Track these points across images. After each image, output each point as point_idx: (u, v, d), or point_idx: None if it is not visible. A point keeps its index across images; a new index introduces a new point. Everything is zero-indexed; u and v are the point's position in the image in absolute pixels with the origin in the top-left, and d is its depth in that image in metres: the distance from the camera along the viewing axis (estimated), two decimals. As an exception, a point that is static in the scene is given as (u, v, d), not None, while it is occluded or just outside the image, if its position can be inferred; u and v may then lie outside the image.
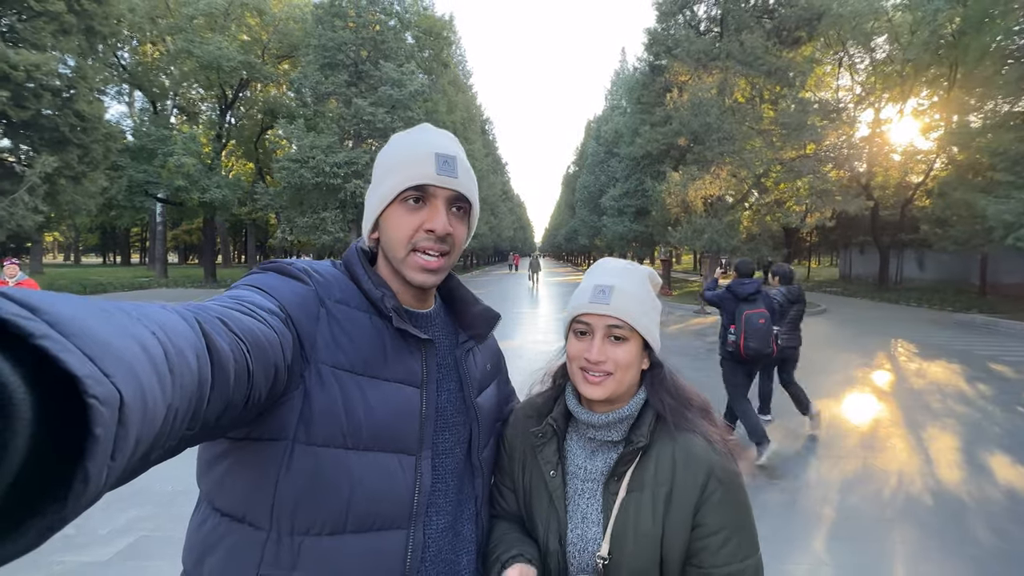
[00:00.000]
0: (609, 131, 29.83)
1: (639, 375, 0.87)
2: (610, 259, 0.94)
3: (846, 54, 21.87)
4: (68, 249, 58.76)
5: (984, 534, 3.02)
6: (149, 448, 0.34)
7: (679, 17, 17.10)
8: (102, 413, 0.27)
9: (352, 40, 19.23)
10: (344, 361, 0.70)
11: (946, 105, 17.39)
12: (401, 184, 0.75)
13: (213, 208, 22.06)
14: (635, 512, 0.79)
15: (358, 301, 0.75)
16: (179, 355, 0.38)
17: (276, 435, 0.65)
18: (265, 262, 0.75)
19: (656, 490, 0.79)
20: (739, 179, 15.07)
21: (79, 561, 2.63)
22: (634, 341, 0.84)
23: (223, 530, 0.68)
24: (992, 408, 5.60)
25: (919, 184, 21.08)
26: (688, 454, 0.81)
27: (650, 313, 0.87)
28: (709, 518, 0.77)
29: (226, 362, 0.46)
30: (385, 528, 0.71)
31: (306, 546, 0.66)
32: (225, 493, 0.68)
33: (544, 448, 0.89)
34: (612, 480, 0.82)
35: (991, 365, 7.87)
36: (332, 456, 0.67)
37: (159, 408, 0.34)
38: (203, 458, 0.71)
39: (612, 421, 0.84)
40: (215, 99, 24.20)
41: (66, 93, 14.67)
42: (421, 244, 0.75)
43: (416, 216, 0.75)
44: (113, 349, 0.30)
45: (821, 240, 30.63)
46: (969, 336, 10.86)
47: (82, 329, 0.29)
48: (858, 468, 3.96)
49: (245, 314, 0.57)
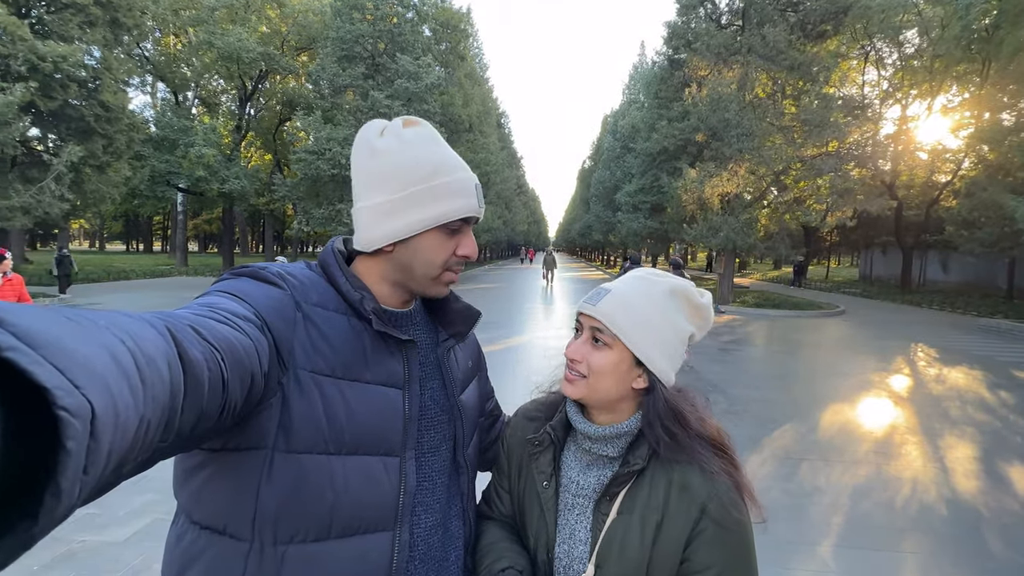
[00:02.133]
0: (626, 126, 29.52)
1: (628, 390, 0.81)
2: (644, 268, 0.89)
3: (873, 48, 21.23)
4: (93, 236, 60.31)
5: (1000, 547, 2.95)
6: (121, 461, 0.33)
7: (700, 10, 16.75)
8: (74, 426, 0.26)
9: (369, 33, 19.29)
10: (323, 366, 0.69)
11: (977, 102, 16.80)
12: (452, 214, 0.76)
13: (232, 198, 22.44)
14: (623, 535, 0.76)
15: (336, 304, 0.74)
16: (150, 364, 0.37)
17: (255, 444, 0.64)
18: (237, 267, 0.72)
19: (647, 516, 0.76)
20: (757, 176, 14.77)
21: (99, 540, 2.73)
22: (617, 350, 0.79)
23: (203, 543, 0.66)
24: (1014, 417, 5.44)
25: (946, 184, 20.46)
26: (684, 484, 0.76)
27: (652, 329, 0.79)
28: (698, 554, 0.73)
29: (199, 371, 0.45)
30: (370, 531, 0.71)
31: (290, 554, 0.65)
32: (204, 505, 0.67)
33: (540, 457, 0.86)
34: (604, 500, 0.79)
35: (1014, 372, 7.65)
36: (314, 462, 0.66)
37: (131, 419, 0.33)
38: (179, 471, 0.70)
39: (609, 435, 0.81)
40: (235, 90, 24.54)
41: (92, 84, 15.03)
42: (453, 266, 0.80)
43: (453, 241, 0.78)
44: (83, 359, 0.29)
45: (841, 240, 29.98)
46: (993, 342, 10.55)
47: (50, 340, 0.28)
48: (871, 474, 3.89)
49: (219, 321, 0.55)
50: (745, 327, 11.80)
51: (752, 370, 7.38)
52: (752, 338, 10.36)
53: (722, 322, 12.43)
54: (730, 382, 6.51)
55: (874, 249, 27.37)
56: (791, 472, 3.88)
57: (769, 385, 6.47)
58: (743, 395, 5.90)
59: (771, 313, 14.17)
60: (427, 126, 0.80)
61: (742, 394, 5.94)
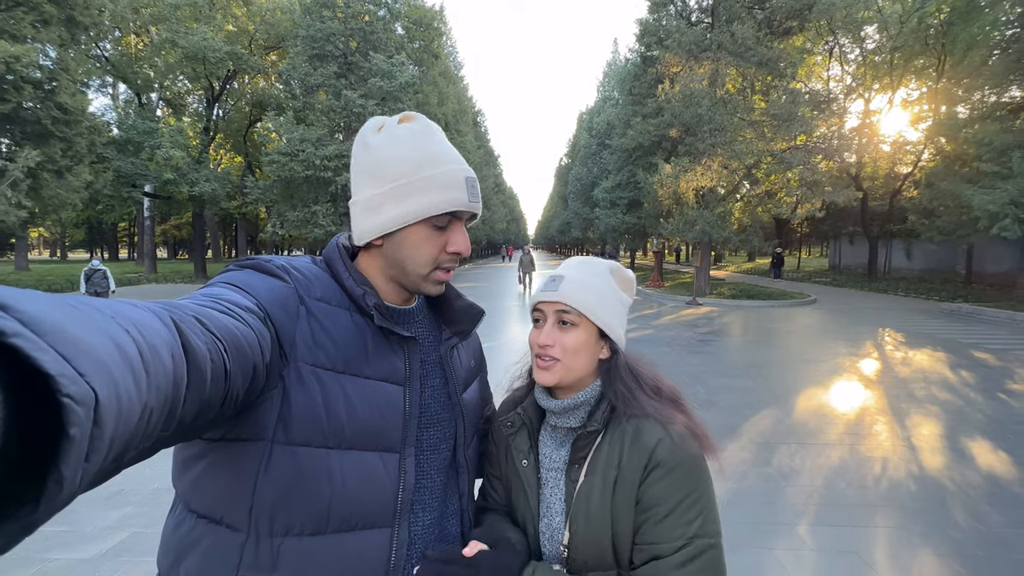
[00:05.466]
0: (601, 123, 29.76)
1: (596, 363, 0.88)
2: (574, 257, 0.96)
3: (836, 44, 21.91)
4: (54, 245, 57.82)
5: (964, 518, 3.10)
6: (123, 449, 0.33)
7: (670, 7, 17.00)
8: (77, 413, 0.26)
9: (341, 31, 18.96)
10: (324, 359, 0.69)
11: (934, 96, 17.53)
12: (435, 208, 0.74)
13: (202, 202, 21.80)
14: (587, 497, 0.80)
15: (339, 299, 0.75)
16: (154, 354, 0.37)
17: (254, 435, 0.64)
18: (242, 259, 0.73)
19: (607, 474, 0.80)
20: (730, 170, 15.10)
21: (71, 558, 2.63)
22: (584, 327, 0.85)
23: (200, 532, 0.66)
24: (974, 395, 5.72)
25: (907, 175, 21.31)
26: (635, 438, 0.80)
27: (607, 303, 0.87)
28: (647, 494, 0.77)
29: (202, 361, 0.45)
30: (368, 527, 0.71)
31: (286, 547, 0.66)
32: (201, 494, 0.67)
33: (516, 437, 0.90)
34: (573, 468, 0.84)
35: (974, 353, 8.03)
36: (313, 456, 0.66)
37: (134, 408, 0.33)
38: (178, 459, 0.70)
39: (569, 407, 0.86)
40: (202, 91, 23.81)
41: (48, 85, 14.37)
42: (445, 264, 0.78)
43: (442, 237, 0.77)
44: (87, 347, 0.29)
45: (811, 231, 30.91)
46: (955, 325, 11.05)
47: (55, 327, 0.28)
48: (844, 455, 4.04)
49: (222, 312, 0.56)
50: (722, 318, 12.07)
51: (729, 360, 7.55)
52: (729, 329, 10.60)
53: (700, 314, 12.68)
54: (708, 372, 6.66)
55: (842, 239, 28.31)
56: (768, 457, 4.00)
57: (746, 374, 6.64)
58: (721, 384, 6.04)
59: (746, 304, 14.52)
60: (422, 120, 0.80)
61: (720, 383, 6.08)
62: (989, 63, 13.23)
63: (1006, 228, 11.56)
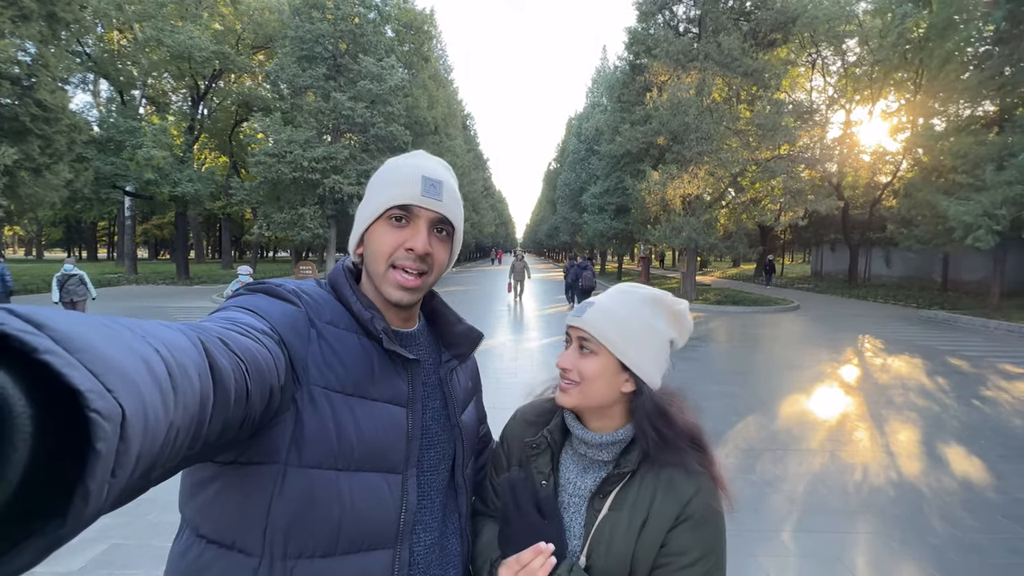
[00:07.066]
0: (590, 128, 29.97)
1: (618, 395, 0.87)
2: (621, 283, 0.96)
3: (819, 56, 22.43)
4: (30, 244, 56.26)
5: (940, 523, 3.19)
6: (150, 466, 0.34)
7: (659, 17, 17.24)
8: (104, 427, 0.27)
9: (330, 32, 18.86)
10: (335, 382, 0.70)
11: (913, 108, 18.03)
12: (387, 203, 0.77)
13: (185, 202, 21.42)
14: (611, 530, 0.82)
15: (347, 322, 0.76)
16: (182, 373, 0.38)
17: (268, 458, 0.65)
18: (253, 283, 0.75)
19: (634, 513, 0.82)
20: (716, 178, 15.34)
21: (51, 572, 2.57)
22: (604, 357, 0.85)
23: (209, 557, 0.66)
24: (949, 401, 5.88)
25: (887, 184, 21.87)
26: (669, 488, 0.83)
27: (634, 336, 0.85)
28: (676, 540, 0.80)
29: (227, 381, 0.46)
30: (373, 548, 0.72)
31: (299, 570, 0.66)
32: (212, 519, 0.67)
33: (538, 459, 0.91)
34: (597, 497, 0.85)
35: (950, 360, 8.26)
36: (324, 478, 0.67)
37: (161, 425, 0.34)
38: (187, 484, 0.70)
39: (605, 443, 0.87)
40: (186, 90, 23.45)
41: (26, 81, 14.02)
42: (400, 262, 0.77)
43: (399, 234, 0.77)
44: (116, 365, 0.30)
45: (794, 238, 31.50)
46: (932, 332, 11.35)
47: (86, 345, 0.29)
48: (826, 461, 4.12)
49: (242, 335, 0.57)
50: (708, 324, 12.23)
51: (715, 366, 7.66)
52: (714, 334, 10.75)
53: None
54: (695, 378, 6.74)
55: (824, 246, 28.91)
56: (753, 463, 4.07)
57: (732, 380, 6.74)
58: (707, 390, 6.12)
59: (731, 310, 14.74)
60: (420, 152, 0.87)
61: (707, 390, 6.16)
62: (964, 78, 13.67)
63: (979, 239, 11.93)
